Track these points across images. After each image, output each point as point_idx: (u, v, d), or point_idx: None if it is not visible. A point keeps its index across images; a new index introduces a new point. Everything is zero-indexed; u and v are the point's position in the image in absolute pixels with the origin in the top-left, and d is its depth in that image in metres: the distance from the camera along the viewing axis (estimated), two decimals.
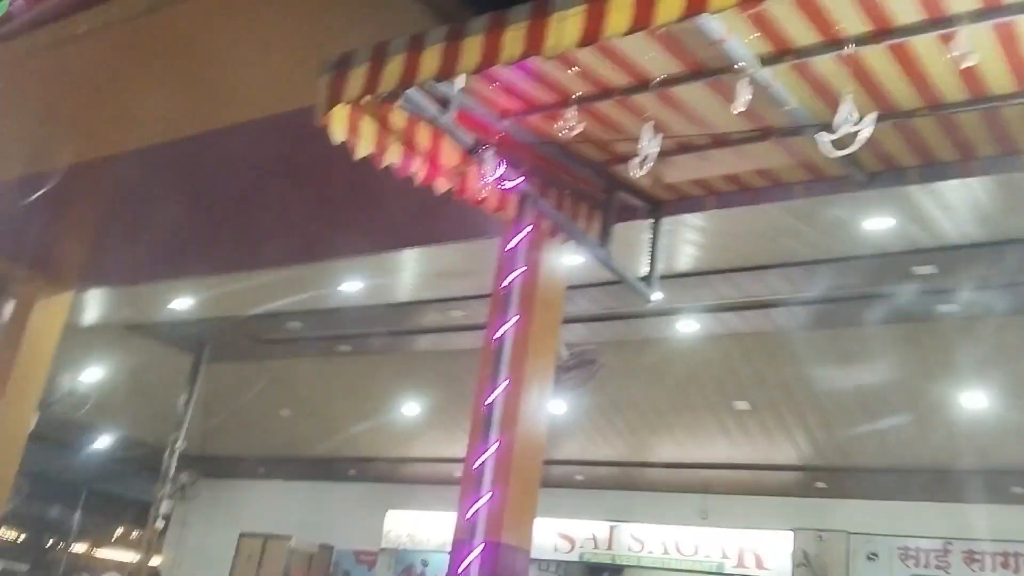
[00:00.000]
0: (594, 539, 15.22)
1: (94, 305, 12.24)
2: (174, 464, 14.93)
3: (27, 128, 7.24)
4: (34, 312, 10.04)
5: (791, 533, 13.37)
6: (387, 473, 17.38)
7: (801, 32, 4.27)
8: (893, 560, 12.60)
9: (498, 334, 5.40)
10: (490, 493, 5.22)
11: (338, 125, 4.69)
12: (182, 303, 11.91)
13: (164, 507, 14.92)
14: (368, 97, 4.53)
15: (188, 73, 6.12)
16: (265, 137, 6.28)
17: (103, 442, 18.18)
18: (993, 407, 10.68)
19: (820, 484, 13.10)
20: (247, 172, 7.24)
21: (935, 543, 12.34)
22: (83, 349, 14.62)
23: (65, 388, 14.40)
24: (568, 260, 6.84)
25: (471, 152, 5.02)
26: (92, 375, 15.56)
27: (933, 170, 5.41)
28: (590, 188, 6.32)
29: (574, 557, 15.32)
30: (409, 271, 10.14)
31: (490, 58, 4.10)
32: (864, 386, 11.16)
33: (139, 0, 5.77)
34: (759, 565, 13.59)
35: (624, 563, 15.07)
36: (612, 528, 15.09)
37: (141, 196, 7.99)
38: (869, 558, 12.79)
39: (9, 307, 10.28)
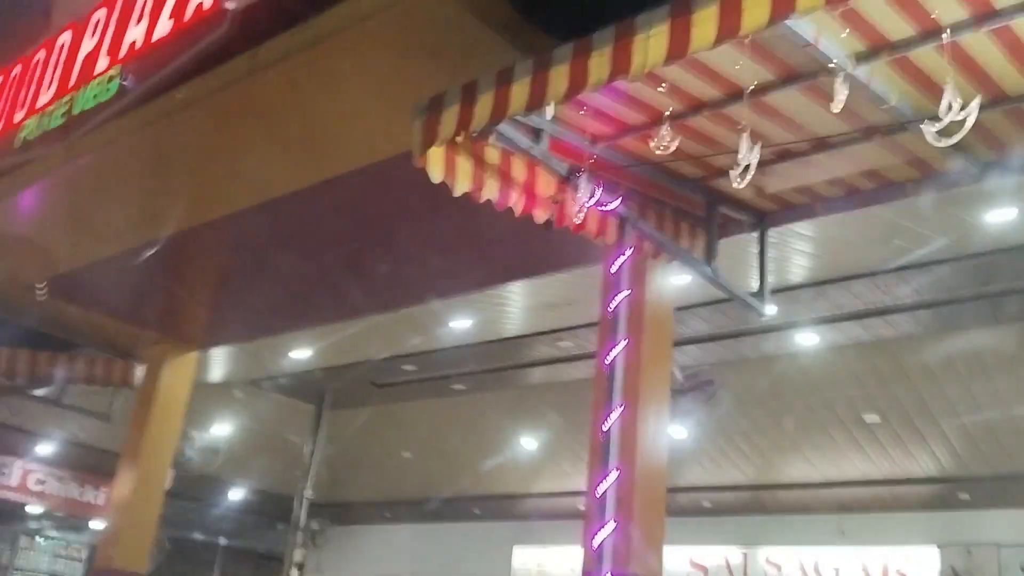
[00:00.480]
0: (727, 565, 14.78)
1: (218, 362, 12.73)
2: (304, 513, 15.28)
3: (144, 197, 7.63)
4: (163, 373, 10.54)
5: (936, 549, 12.68)
6: (511, 510, 17.35)
7: (895, 25, 4.12)
8: None
9: (609, 360, 5.34)
10: (614, 523, 5.15)
11: (435, 165, 4.77)
12: (300, 354, 12.26)
13: (297, 556, 15.26)
14: (462, 135, 4.59)
15: (290, 130, 6.35)
16: (369, 184, 6.45)
17: (235, 495, 18.79)
18: None
19: (964, 495, 12.40)
20: (354, 220, 7.45)
21: None
22: (211, 405, 15.22)
23: (196, 444, 14.98)
24: (674, 280, 6.75)
25: (567, 179, 5.02)
26: (221, 430, 16.16)
27: None
28: (690, 205, 6.23)
29: None
30: (515, 305, 10.18)
31: (578, 84, 4.10)
32: (1002, 388, 10.55)
33: (238, 66, 6.02)
34: None
35: None
36: (745, 554, 14.62)
37: (255, 253, 8.30)
38: None
39: (140, 371, 10.83)
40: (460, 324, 10.68)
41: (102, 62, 7.26)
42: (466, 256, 7.94)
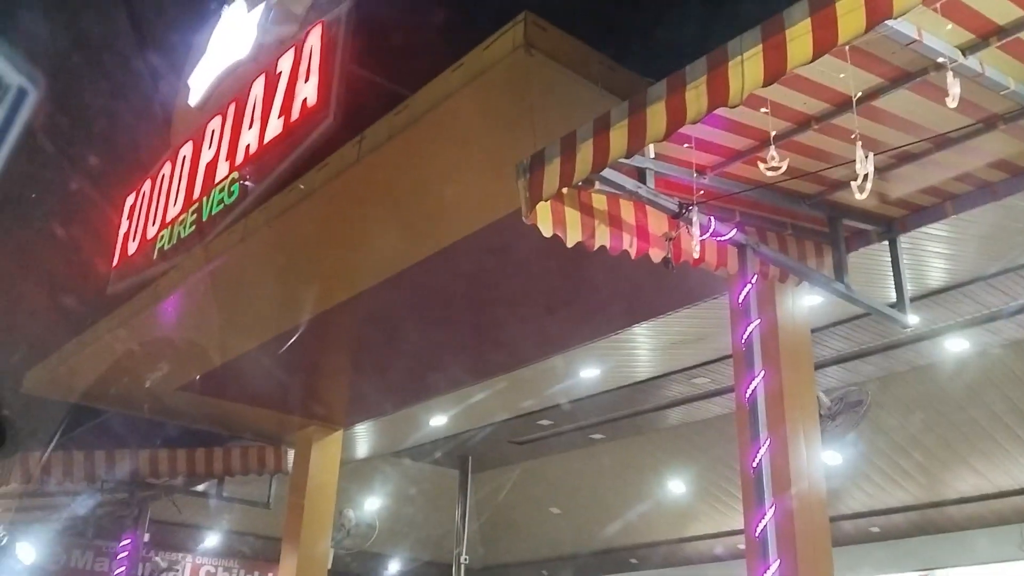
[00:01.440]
0: None
1: (363, 438, 13.02)
2: None
3: (278, 288, 7.97)
4: (313, 455, 10.88)
5: None
6: (669, 556, 16.92)
7: (1000, 8, 3.94)
8: None
9: (748, 393, 5.19)
10: (778, 560, 4.95)
11: (544, 220, 4.81)
12: (438, 421, 12.41)
13: None
14: (567, 188, 4.62)
15: (402, 206, 6.54)
16: (484, 247, 6.55)
17: (393, 567, 19.02)
18: None
19: None
20: (475, 284, 7.57)
21: None
22: (360, 481, 15.55)
23: (352, 521, 15.29)
24: (807, 302, 6.54)
25: (679, 215, 4.96)
26: (372, 504, 16.45)
27: None
28: (812, 222, 6.07)
29: None
30: (644, 347, 10.05)
31: (677, 120, 4.08)
32: None
33: (347, 153, 6.27)
34: None
35: None
36: None
37: (385, 328, 8.53)
38: None
39: (291, 455, 11.20)
40: (590, 373, 10.61)
41: (222, 168, 7.69)
42: (585, 305, 7.94)
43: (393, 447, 14.18)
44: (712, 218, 5.17)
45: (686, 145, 4.94)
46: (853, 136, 4.10)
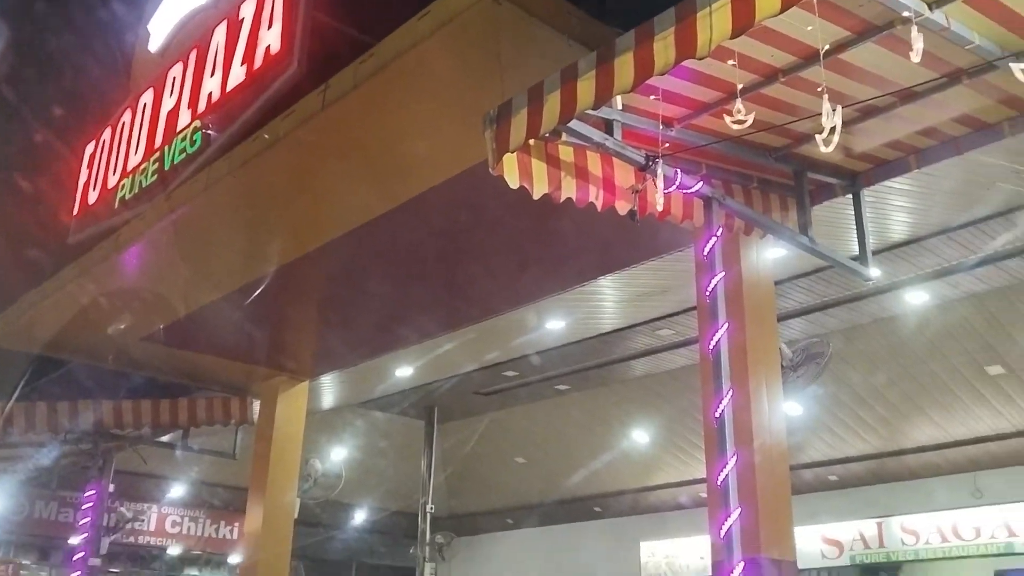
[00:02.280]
0: (863, 539, 14.36)
1: (329, 389, 13.03)
2: (428, 527, 15.51)
3: (242, 239, 7.88)
4: (279, 406, 10.87)
5: None
6: (633, 505, 17.25)
7: None
8: None
9: (712, 344, 5.25)
10: (739, 508, 5.05)
11: (511, 171, 4.78)
12: (405, 371, 12.44)
13: (427, 570, 15.48)
14: (533, 139, 4.59)
15: (369, 156, 6.46)
16: (450, 199, 6.52)
17: (360, 517, 19.19)
18: None
19: None
20: (441, 235, 7.55)
21: None
22: (327, 432, 15.60)
23: (318, 471, 15.36)
24: (771, 255, 6.60)
25: (645, 167, 4.95)
26: (339, 455, 16.53)
27: None
28: (777, 176, 6.09)
29: (844, 561, 14.49)
30: (610, 299, 10.11)
31: (644, 71, 4.06)
32: None
33: (312, 102, 6.17)
34: None
35: (900, 559, 14.09)
36: (880, 524, 14.17)
37: (352, 279, 8.49)
38: None
39: (256, 406, 11.19)
40: (556, 324, 10.67)
41: (184, 116, 7.55)
42: (554, 257, 7.95)
43: (360, 398, 14.21)
44: (678, 171, 5.18)
45: (653, 97, 4.92)
46: (820, 89, 4.11)
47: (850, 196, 6.29)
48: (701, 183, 5.36)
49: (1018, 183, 7.80)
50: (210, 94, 7.22)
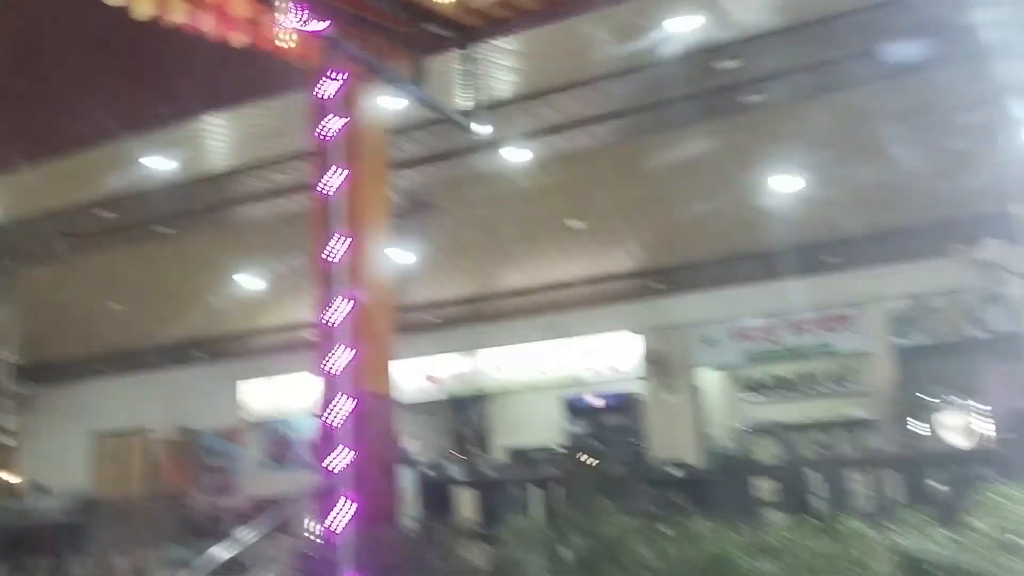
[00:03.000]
0: (456, 373, 15.65)
1: None
2: (7, 376, 14.21)
3: None
4: None
5: (636, 335, 14.18)
6: (237, 349, 17.10)
7: None
8: (730, 341, 13.61)
9: (327, 189, 5.27)
10: (348, 347, 5.25)
11: None
12: None
13: (7, 422, 14.26)
14: None
15: None
16: (41, 8, 5.68)
17: None
18: (801, 188, 11.42)
19: (657, 285, 13.82)
20: (28, 48, 6.57)
21: (765, 320, 13.37)
22: None
23: None
24: (387, 104, 6.69)
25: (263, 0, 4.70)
26: None
27: None
28: (396, 24, 6.11)
29: (441, 394, 15.74)
30: (221, 139, 9.64)
31: None
32: (685, 186, 11.67)
33: None
34: (614, 370, 14.40)
35: (491, 391, 15.66)
36: (472, 360, 15.55)
37: None
38: (708, 343, 13.75)
39: None
40: (160, 163, 9.97)
41: None
42: (159, 87, 7.33)
43: None
44: (300, 7, 4.99)
45: None
46: None
47: (462, 51, 6.51)
48: (322, 23, 5.23)
49: (607, 54, 8.60)
50: None
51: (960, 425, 11.72)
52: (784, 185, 11.23)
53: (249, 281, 15.30)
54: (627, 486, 7.23)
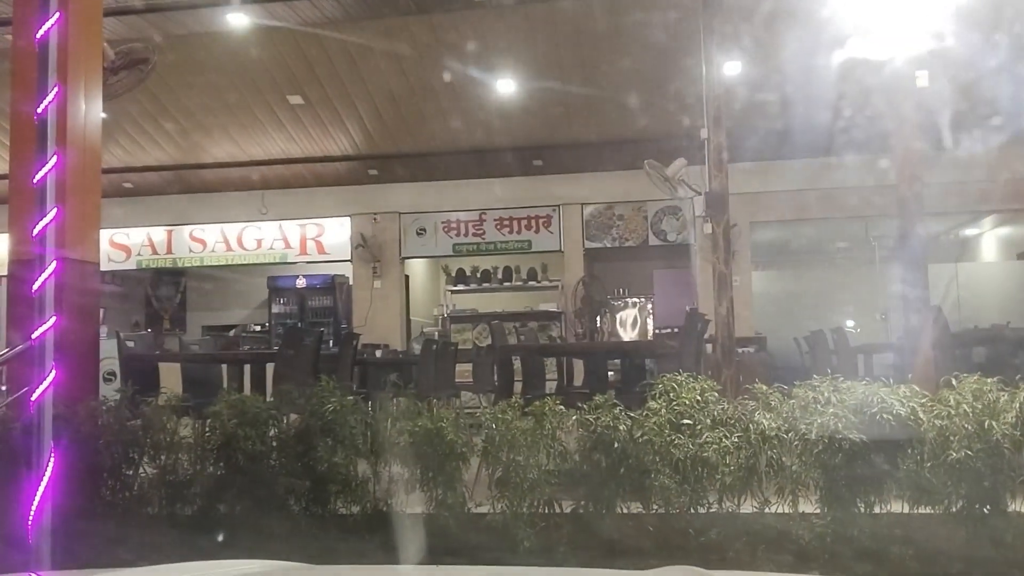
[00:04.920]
0: (151, 244, 14.90)
1: None
2: None
3: None
4: None
5: (348, 219, 14.27)
6: None
7: None
8: (439, 233, 14.15)
9: (39, 35, 4.78)
10: (54, 208, 4.89)
11: None
12: None
13: None
14: None
15: None
16: None
17: None
18: (520, 92, 11.91)
19: (373, 171, 13.91)
20: None
21: (472, 215, 14.02)
22: None
23: None
24: None
25: None
26: None
27: None
28: None
29: (131, 265, 14.94)
30: None
31: None
32: (408, 76, 11.73)
33: None
34: (320, 251, 14.44)
35: (186, 265, 15.09)
36: (170, 232, 14.84)
37: None
38: (418, 233, 14.21)
39: None
40: None
41: None
42: None
43: None
44: None
45: None
46: None
47: None
48: None
49: None
50: None
51: (634, 320, 13.19)
52: (501, 88, 11.65)
53: None
54: (338, 366, 7.44)
